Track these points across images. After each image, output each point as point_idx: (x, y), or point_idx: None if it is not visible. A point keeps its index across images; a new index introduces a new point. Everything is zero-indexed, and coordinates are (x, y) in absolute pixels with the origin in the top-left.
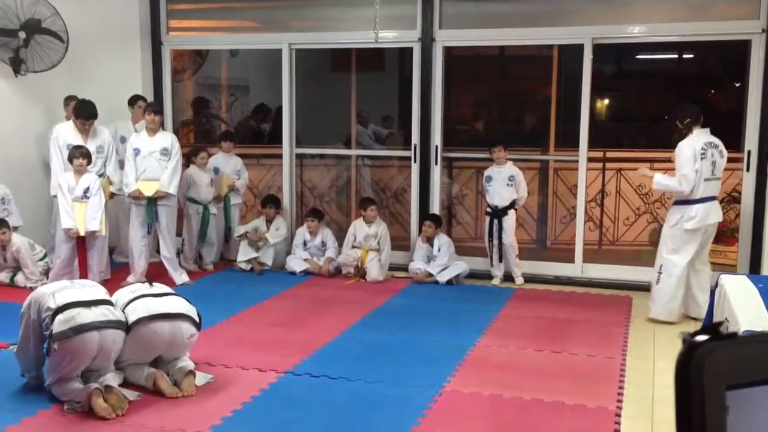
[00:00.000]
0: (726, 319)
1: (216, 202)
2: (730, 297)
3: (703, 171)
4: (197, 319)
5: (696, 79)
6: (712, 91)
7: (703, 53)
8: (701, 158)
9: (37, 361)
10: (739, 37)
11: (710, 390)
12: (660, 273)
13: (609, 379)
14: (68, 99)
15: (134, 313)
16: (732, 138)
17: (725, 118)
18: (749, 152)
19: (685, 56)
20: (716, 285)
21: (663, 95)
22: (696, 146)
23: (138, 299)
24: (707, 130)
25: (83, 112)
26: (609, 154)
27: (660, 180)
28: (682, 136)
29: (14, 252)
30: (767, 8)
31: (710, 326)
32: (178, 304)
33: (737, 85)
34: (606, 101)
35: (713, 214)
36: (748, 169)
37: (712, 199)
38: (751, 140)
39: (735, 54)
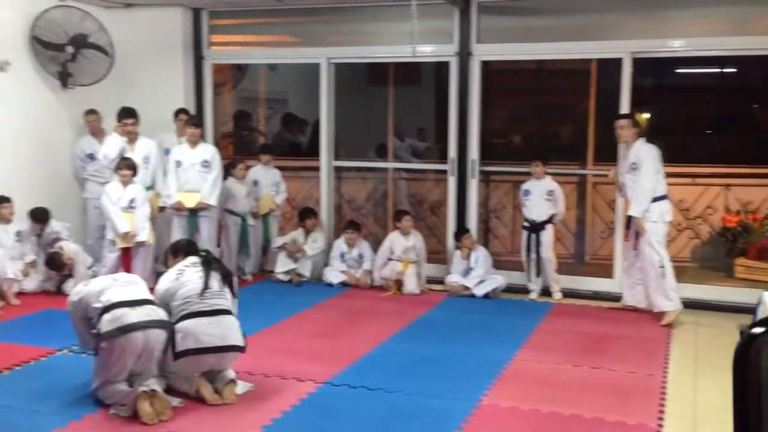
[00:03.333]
0: None
1: (253, 218)
2: None
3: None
4: (243, 345)
5: (738, 93)
6: (756, 105)
7: (746, 67)
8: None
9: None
10: None
11: (766, 376)
12: (662, 266)
13: (649, 396)
14: (87, 113)
15: (183, 341)
16: None
17: None
18: None
19: (727, 70)
20: (758, 302)
21: (704, 109)
22: (655, 150)
23: (189, 318)
24: None
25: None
26: None
27: (639, 208)
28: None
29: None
30: None
31: (765, 319)
32: (227, 331)
33: None
34: (645, 115)
35: None
36: None
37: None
38: None
39: None
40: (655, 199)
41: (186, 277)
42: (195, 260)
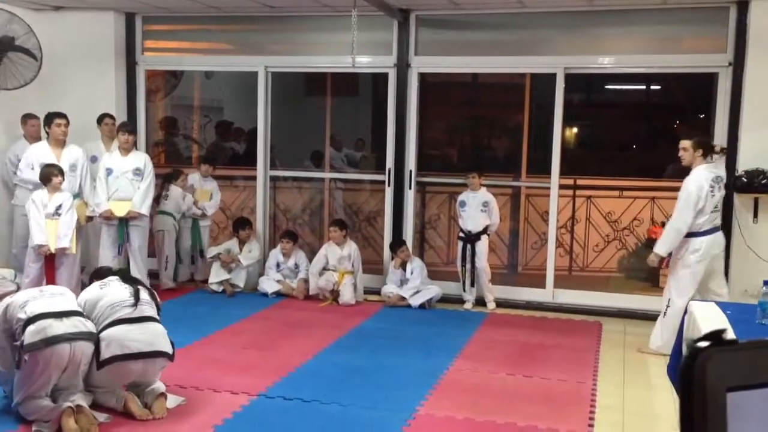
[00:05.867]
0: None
1: (195, 210)
2: (700, 323)
3: (708, 206)
4: (171, 352)
5: (663, 109)
6: (678, 122)
7: (669, 84)
8: (711, 196)
9: (14, 371)
10: (707, 70)
11: (712, 392)
12: (668, 306)
13: (580, 404)
14: (26, 117)
15: (109, 347)
16: None
17: None
18: None
19: (652, 87)
20: (685, 311)
21: (631, 124)
22: (704, 184)
23: (114, 325)
24: (713, 163)
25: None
26: (579, 182)
27: (662, 247)
28: (680, 163)
29: None
30: (734, 42)
31: (713, 333)
32: (154, 337)
33: (701, 116)
34: (575, 129)
35: (717, 243)
36: None
37: (716, 230)
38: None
39: (700, 86)
40: (688, 235)
41: (110, 288)
42: (117, 277)
